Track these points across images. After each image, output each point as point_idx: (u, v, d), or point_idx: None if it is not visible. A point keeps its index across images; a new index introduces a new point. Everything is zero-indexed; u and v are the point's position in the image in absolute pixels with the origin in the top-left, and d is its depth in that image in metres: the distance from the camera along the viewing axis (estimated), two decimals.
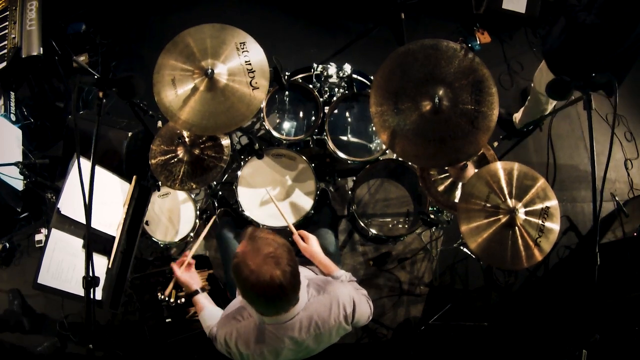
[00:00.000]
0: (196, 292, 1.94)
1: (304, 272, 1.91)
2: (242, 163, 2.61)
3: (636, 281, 2.67)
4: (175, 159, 2.35)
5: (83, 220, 2.04)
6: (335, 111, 2.69)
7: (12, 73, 2.97)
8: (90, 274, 1.54)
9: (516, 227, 1.98)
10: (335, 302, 1.58)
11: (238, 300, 1.68)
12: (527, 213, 2.01)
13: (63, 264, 1.96)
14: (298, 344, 1.57)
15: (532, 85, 2.94)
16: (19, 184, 2.85)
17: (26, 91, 3.27)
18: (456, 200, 2.32)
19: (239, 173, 2.58)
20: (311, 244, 1.93)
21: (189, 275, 2.00)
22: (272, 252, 1.36)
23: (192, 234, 2.68)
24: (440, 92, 1.92)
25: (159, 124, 2.60)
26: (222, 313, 1.76)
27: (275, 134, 2.64)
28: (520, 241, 1.98)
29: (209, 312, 1.86)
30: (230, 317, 1.63)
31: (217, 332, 1.65)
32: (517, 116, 3.32)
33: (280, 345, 1.55)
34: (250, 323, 1.56)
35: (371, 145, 2.68)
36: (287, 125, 2.71)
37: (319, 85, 2.73)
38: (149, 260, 2.84)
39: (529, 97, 3.12)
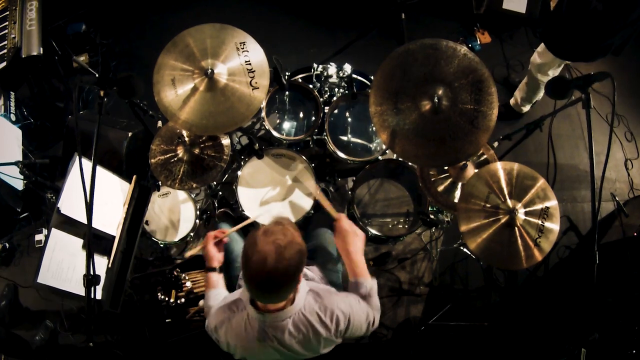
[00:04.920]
0: (214, 269, 1.90)
1: (308, 275, 1.91)
2: (242, 163, 2.61)
3: (636, 281, 2.67)
4: (175, 159, 2.35)
5: (83, 220, 2.04)
6: (335, 111, 2.70)
7: (12, 73, 2.97)
8: (91, 272, 1.54)
9: (516, 228, 1.98)
10: (329, 314, 1.58)
11: (238, 292, 1.69)
12: (526, 213, 2.01)
13: (63, 264, 1.96)
14: (284, 346, 1.58)
15: (529, 68, 2.99)
16: (19, 184, 2.85)
17: (26, 91, 3.27)
18: (456, 200, 2.32)
19: (239, 173, 2.58)
20: (353, 239, 1.83)
21: (217, 251, 1.93)
22: (281, 239, 1.36)
23: (192, 234, 2.68)
24: (440, 92, 1.92)
25: (159, 124, 2.61)
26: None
27: (275, 134, 2.64)
28: (520, 241, 1.98)
29: (216, 293, 1.86)
30: (225, 307, 1.64)
31: (212, 319, 1.67)
32: (517, 96, 3.31)
33: (268, 344, 1.57)
34: (243, 315, 1.57)
35: (371, 145, 2.68)
36: (287, 125, 2.71)
37: (319, 85, 2.73)
38: (149, 260, 2.85)
39: (525, 81, 3.14)
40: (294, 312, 1.53)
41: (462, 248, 2.99)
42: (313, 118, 2.68)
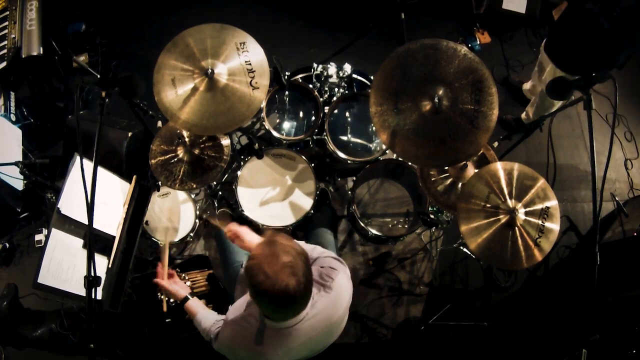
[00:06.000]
0: (186, 299, 1.98)
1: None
2: (242, 163, 2.61)
3: (636, 281, 2.67)
4: (175, 159, 2.35)
5: (83, 220, 2.04)
6: (335, 111, 2.69)
7: (12, 73, 2.96)
8: (92, 274, 1.54)
9: (516, 227, 1.98)
10: (340, 295, 1.59)
11: (243, 305, 1.65)
12: (527, 213, 2.01)
13: (63, 264, 1.96)
14: (312, 341, 1.57)
15: (541, 88, 2.99)
16: (19, 184, 2.85)
17: (26, 91, 3.26)
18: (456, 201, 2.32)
19: (239, 173, 2.58)
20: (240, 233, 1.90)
21: (175, 285, 2.04)
22: (291, 261, 1.35)
23: (192, 234, 2.68)
24: (440, 92, 1.92)
25: (159, 124, 2.60)
26: (221, 317, 1.75)
27: (275, 134, 2.64)
28: (520, 241, 1.98)
29: (204, 316, 1.87)
30: (236, 323, 1.60)
31: (222, 337, 1.64)
32: (528, 112, 3.32)
33: (293, 345, 1.54)
34: (260, 329, 1.54)
35: (371, 145, 2.68)
36: (287, 125, 2.71)
37: (319, 85, 2.73)
38: (149, 260, 2.84)
39: (534, 99, 3.14)
40: (308, 307, 1.52)
41: (462, 248, 2.99)
42: (313, 118, 2.68)
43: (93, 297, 1.55)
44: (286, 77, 2.59)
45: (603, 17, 2.27)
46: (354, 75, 2.70)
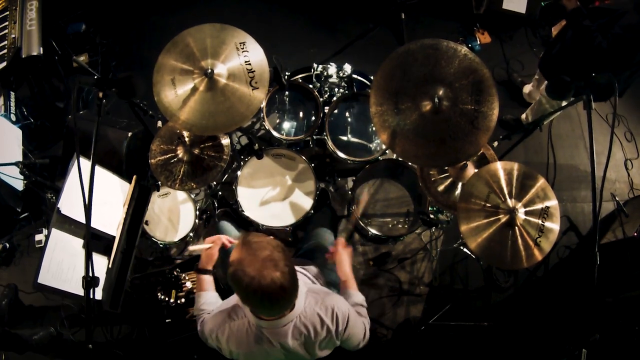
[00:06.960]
0: (207, 272, 1.93)
1: (304, 279, 1.91)
2: (242, 163, 2.61)
3: (636, 281, 2.67)
4: (175, 159, 2.35)
5: (83, 220, 2.04)
6: (335, 111, 2.69)
7: (12, 73, 2.97)
8: (90, 274, 1.54)
9: (516, 227, 1.98)
10: (330, 314, 1.59)
11: (235, 298, 1.69)
12: (527, 213, 2.01)
13: (63, 264, 1.96)
14: (288, 350, 1.59)
15: (540, 97, 3.01)
16: (19, 184, 2.85)
17: (26, 91, 3.27)
18: (456, 200, 2.32)
19: (239, 173, 2.58)
20: (347, 254, 1.98)
21: (214, 254, 1.97)
22: (269, 255, 1.37)
23: (191, 234, 2.68)
24: (440, 92, 1.92)
25: (159, 124, 2.60)
26: (218, 305, 1.77)
27: (275, 134, 2.64)
28: (520, 241, 1.98)
29: (208, 296, 1.88)
30: (224, 314, 1.64)
31: (209, 326, 1.66)
32: (528, 115, 3.33)
33: (272, 349, 1.58)
34: (244, 323, 1.58)
35: (371, 145, 2.68)
36: (287, 125, 2.71)
37: (319, 85, 2.73)
38: (149, 260, 2.85)
39: (534, 105, 3.14)
40: (295, 315, 1.54)
41: (462, 248, 2.99)
42: (313, 118, 2.68)
43: (92, 297, 1.55)
44: (286, 77, 2.59)
45: (601, 34, 2.22)
46: (354, 75, 2.70)
